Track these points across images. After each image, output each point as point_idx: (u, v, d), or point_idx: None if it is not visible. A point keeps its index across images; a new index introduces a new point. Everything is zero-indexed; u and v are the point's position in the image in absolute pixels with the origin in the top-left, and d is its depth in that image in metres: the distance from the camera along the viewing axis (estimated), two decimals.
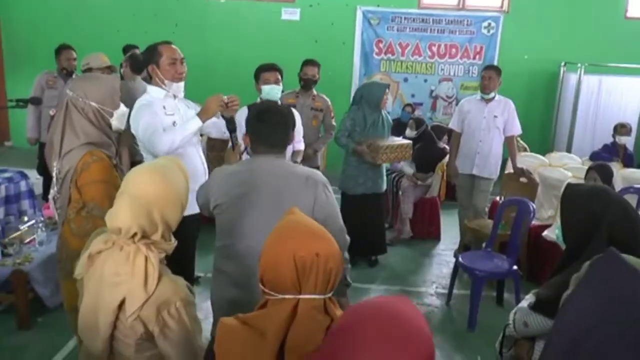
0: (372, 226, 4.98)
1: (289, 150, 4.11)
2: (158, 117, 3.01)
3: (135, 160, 4.92)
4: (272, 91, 4.02)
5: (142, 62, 5.32)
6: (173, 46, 3.15)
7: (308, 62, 5.22)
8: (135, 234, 1.63)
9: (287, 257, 1.34)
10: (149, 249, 1.62)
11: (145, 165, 1.80)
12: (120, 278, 1.60)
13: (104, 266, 1.64)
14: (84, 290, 1.71)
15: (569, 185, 2.15)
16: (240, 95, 3.64)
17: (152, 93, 3.13)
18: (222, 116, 3.08)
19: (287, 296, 1.35)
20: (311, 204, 2.16)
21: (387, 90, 4.83)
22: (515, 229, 4.22)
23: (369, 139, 4.72)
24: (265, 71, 4.09)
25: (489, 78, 4.92)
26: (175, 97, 3.17)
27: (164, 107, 3.07)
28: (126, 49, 6.79)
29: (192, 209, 3.09)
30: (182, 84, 3.16)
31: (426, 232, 5.82)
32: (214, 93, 3.14)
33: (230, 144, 3.05)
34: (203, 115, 3.04)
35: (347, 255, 2.35)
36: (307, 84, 5.10)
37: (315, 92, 5.28)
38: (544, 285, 2.07)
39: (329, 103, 5.32)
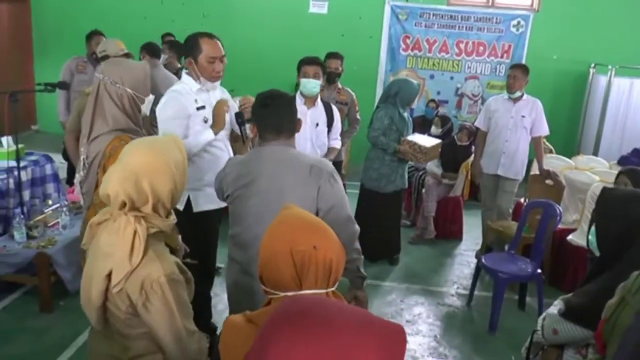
0: (391, 224, 4.95)
1: (323, 147, 4.12)
2: (184, 122, 2.93)
3: None
4: (309, 84, 4.03)
5: (158, 50, 5.38)
6: (216, 41, 3.01)
7: (331, 55, 5.20)
8: (124, 204, 1.63)
9: (284, 253, 1.31)
10: (137, 222, 1.62)
11: (142, 139, 1.88)
12: (111, 249, 1.62)
13: (100, 236, 1.67)
14: (86, 261, 1.74)
15: (605, 189, 2.08)
16: (265, 87, 3.62)
17: (186, 84, 3.04)
18: (238, 119, 3.08)
19: (288, 293, 1.31)
20: (315, 193, 2.14)
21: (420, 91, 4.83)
22: (540, 231, 4.13)
23: (404, 137, 4.68)
24: (306, 64, 4.07)
25: (514, 77, 4.84)
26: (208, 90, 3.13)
27: (196, 100, 3.01)
28: (163, 37, 6.82)
29: (215, 202, 3.15)
30: (217, 83, 3.09)
31: (448, 231, 5.75)
32: (240, 83, 3.12)
33: (241, 138, 3.07)
34: (215, 127, 3.04)
35: (358, 245, 2.30)
36: (330, 76, 5.06)
37: (340, 85, 5.24)
38: (575, 293, 2.01)
39: (354, 96, 5.29)
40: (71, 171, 5.19)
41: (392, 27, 8.29)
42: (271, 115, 2.23)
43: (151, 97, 2.64)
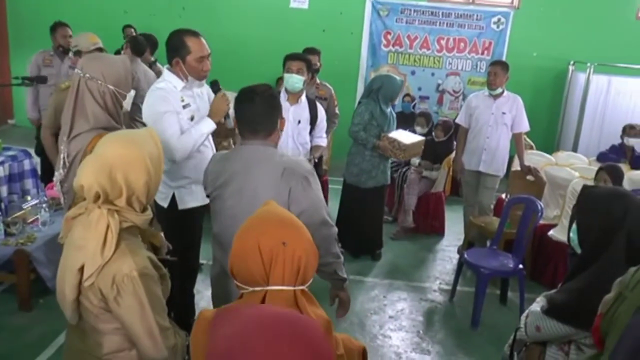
0: (373, 219, 4.96)
1: (305, 145, 4.12)
2: (175, 116, 2.89)
3: None
4: (291, 79, 4.01)
5: (145, 45, 5.33)
6: (202, 40, 2.97)
7: (308, 51, 5.18)
8: (98, 196, 1.62)
9: (252, 247, 1.30)
10: (110, 215, 1.61)
11: (118, 131, 1.85)
12: (83, 242, 1.61)
13: (74, 230, 1.67)
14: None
15: (586, 187, 2.10)
16: (245, 82, 3.61)
17: (169, 81, 2.98)
18: (215, 86, 3.11)
19: (256, 288, 1.31)
20: (286, 196, 2.08)
21: (403, 87, 4.82)
22: (522, 227, 4.18)
23: (385, 133, 4.68)
24: (290, 60, 4.05)
25: (495, 74, 4.88)
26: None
27: (182, 98, 2.96)
28: (124, 29, 6.70)
29: (200, 200, 3.14)
30: (204, 82, 3.07)
31: (430, 227, 5.79)
32: (218, 79, 3.12)
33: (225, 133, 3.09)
34: (214, 116, 3.00)
35: (335, 249, 2.24)
36: (311, 73, 5.04)
37: (318, 80, 5.24)
38: (558, 290, 2.03)
39: (333, 91, 5.30)
40: (45, 167, 5.09)
41: (373, 22, 8.29)
42: (249, 112, 2.17)
43: (132, 92, 2.60)
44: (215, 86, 3.10)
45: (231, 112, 3.21)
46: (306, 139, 4.16)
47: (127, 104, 2.61)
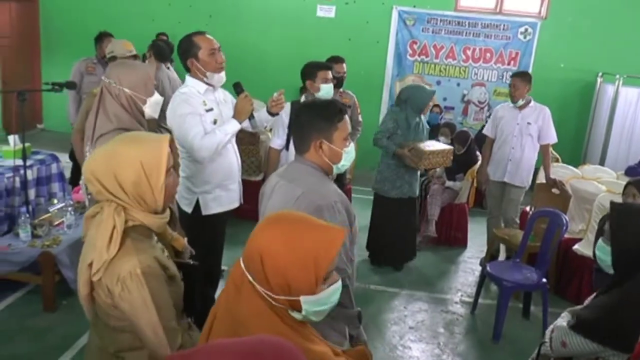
0: (404, 231, 4.94)
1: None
2: (198, 117, 2.97)
3: None
4: (330, 90, 4.03)
5: (167, 51, 5.42)
6: (208, 36, 3.10)
7: (336, 60, 5.16)
8: (103, 189, 1.67)
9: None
10: (116, 213, 1.65)
11: (133, 132, 1.92)
12: (94, 239, 1.66)
13: (90, 228, 1.72)
14: None
15: (616, 203, 2.05)
16: (270, 90, 3.67)
17: (192, 86, 3.08)
18: (238, 88, 3.15)
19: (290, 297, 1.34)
20: None
21: (433, 97, 4.81)
22: (546, 240, 4.11)
23: (410, 142, 4.66)
24: (324, 69, 4.03)
25: (514, 86, 4.88)
26: (214, 88, 3.15)
27: (204, 102, 3.04)
28: (157, 36, 6.82)
29: (224, 205, 3.17)
30: (223, 73, 3.13)
31: (453, 238, 5.74)
32: (245, 86, 3.17)
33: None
34: (238, 117, 3.07)
35: (353, 311, 2.03)
36: (338, 81, 5.03)
37: (341, 88, 5.25)
38: (586, 305, 1.99)
39: (355, 99, 5.32)
40: (75, 171, 5.20)
41: (399, 32, 8.28)
42: (294, 126, 2.20)
43: (157, 97, 2.64)
44: (238, 87, 3.17)
45: (256, 114, 3.27)
46: None
47: (153, 111, 2.65)
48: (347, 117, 2.12)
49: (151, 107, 2.60)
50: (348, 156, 2.11)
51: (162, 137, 1.76)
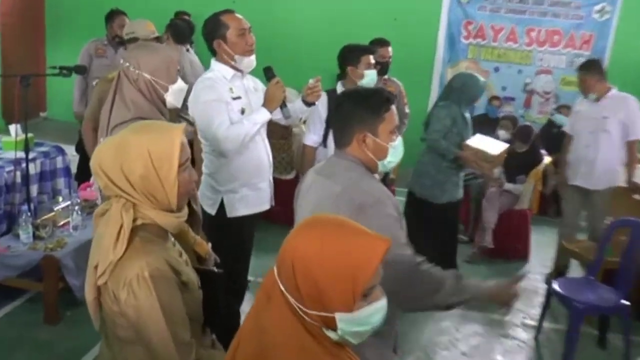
0: (446, 239, 4.84)
1: None
2: (224, 105, 3.00)
3: None
4: (375, 77, 4.04)
5: (187, 31, 5.46)
6: (237, 15, 3.13)
7: (381, 42, 5.12)
8: (110, 182, 1.70)
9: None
10: (124, 210, 1.68)
11: (146, 121, 2.01)
12: (101, 238, 1.70)
13: (99, 227, 1.77)
14: None
15: None
16: (304, 76, 3.65)
17: (218, 71, 3.11)
18: (268, 73, 3.17)
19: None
20: None
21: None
22: (627, 255, 3.98)
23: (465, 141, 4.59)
24: (368, 52, 4.03)
25: (582, 81, 4.84)
26: (242, 74, 3.17)
27: (231, 90, 3.07)
28: (177, 15, 6.86)
29: (253, 206, 3.18)
30: (253, 57, 3.15)
31: (512, 250, 5.64)
32: (276, 72, 3.18)
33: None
34: (269, 105, 3.09)
35: (425, 285, 2.08)
36: (383, 67, 5.00)
37: (385, 75, 5.22)
38: None
39: (402, 87, 5.28)
40: (83, 165, 5.26)
41: (451, 11, 8.18)
42: (335, 117, 2.23)
43: (181, 85, 2.66)
44: (269, 72, 3.18)
45: (290, 105, 3.26)
46: None
47: (176, 100, 2.67)
48: (394, 107, 2.14)
49: (174, 95, 2.63)
50: (395, 152, 2.13)
51: (175, 126, 1.78)
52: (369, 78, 3.97)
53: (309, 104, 3.35)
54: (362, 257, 1.30)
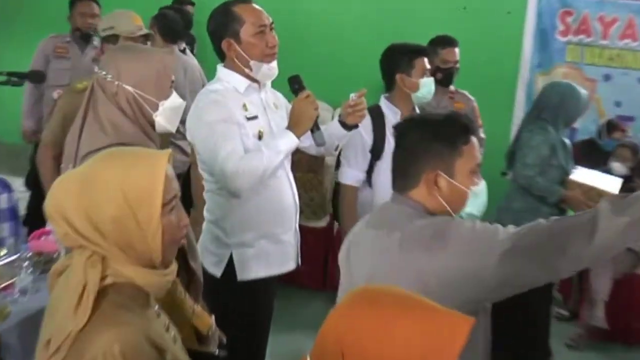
0: (534, 312, 4.77)
1: None
2: (236, 128, 3.00)
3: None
4: (430, 87, 4.04)
5: (180, 24, 5.49)
6: (255, 5, 3.15)
7: (446, 42, 5.12)
8: (72, 230, 1.70)
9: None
10: (90, 265, 1.68)
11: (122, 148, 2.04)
12: (58, 303, 1.71)
13: (55, 290, 1.79)
14: None
15: None
16: (344, 84, 3.64)
17: (227, 82, 3.12)
18: (295, 84, 3.16)
19: None
20: (412, 277, 2.00)
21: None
22: None
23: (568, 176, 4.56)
24: (423, 55, 4.04)
25: None
26: (259, 86, 3.19)
27: (245, 107, 3.07)
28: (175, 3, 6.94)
29: (272, 266, 3.20)
30: (275, 64, 3.17)
31: (635, 332, 5.56)
32: (309, 79, 3.19)
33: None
34: (296, 128, 3.07)
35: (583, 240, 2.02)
36: (446, 76, 5.02)
37: (452, 87, 5.22)
38: None
39: (474, 103, 5.35)
40: (36, 206, 5.27)
41: None
42: (396, 150, 2.28)
43: (176, 101, 2.65)
44: (296, 83, 3.17)
45: (323, 127, 3.25)
46: None
47: (168, 121, 2.66)
48: (474, 138, 2.19)
49: (165, 115, 2.64)
50: (477, 200, 2.20)
51: (158, 153, 1.80)
52: (426, 89, 3.99)
53: (350, 127, 3.34)
54: (437, 345, 1.33)
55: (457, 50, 5.21)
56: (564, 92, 4.65)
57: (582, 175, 4.68)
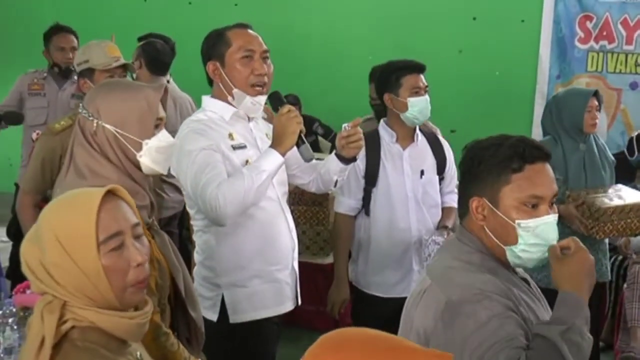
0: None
1: (437, 207, 4.18)
2: (218, 155, 3.00)
3: (162, 217, 4.98)
4: (426, 106, 4.03)
5: (167, 56, 5.49)
6: (251, 32, 3.18)
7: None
8: (37, 280, 1.75)
9: None
10: (47, 311, 1.70)
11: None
12: (22, 357, 1.74)
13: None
14: None
15: None
16: (339, 103, 3.64)
17: (212, 111, 3.14)
18: (275, 101, 3.18)
19: None
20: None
21: (592, 99, 4.64)
22: None
23: (581, 191, 4.52)
24: (411, 72, 4.04)
25: None
26: (249, 117, 3.20)
27: (231, 136, 3.09)
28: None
29: (268, 306, 3.21)
30: (260, 99, 3.17)
31: None
32: (302, 98, 3.17)
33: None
34: (280, 144, 3.04)
35: None
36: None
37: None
38: None
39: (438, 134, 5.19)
40: (19, 256, 5.28)
41: (559, 2, 8.25)
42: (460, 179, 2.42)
43: (164, 139, 2.63)
44: (276, 100, 3.19)
45: (322, 163, 3.26)
46: (437, 200, 4.20)
47: (156, 162, 2.62)
48: (540, 166, 2.18)
49: (150, 155, 2.57)
50: (531, 238, 2.16)
51: (91, 191, 1.82)
52: (416, 109, 3.97)
53: (348, 160, 3.33)
54: None
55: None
56: (558, 100, 4.79)
57: (621, 192, 4.68)
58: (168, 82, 5.54)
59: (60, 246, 1.70)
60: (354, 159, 3.35)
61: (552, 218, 2.16)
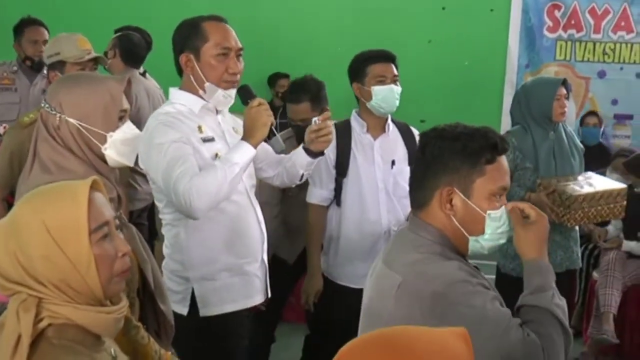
0: None
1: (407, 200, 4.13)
2: (189, 148, 2.98)
3: (135, 209, 4.96)
4: (389, 95, 3.97)
5: (142, 47, 5.46)
6: (226, 25, 3.15)
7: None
8: (6, 280, 1.71)
9: None
10: (22, 309, 1.67)
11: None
12: None
13: None
14: None
15: None
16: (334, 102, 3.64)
17: (181, 104, 3.11)
18: (245, 95, 3.15)
19: None
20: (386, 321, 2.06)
21: (560, 88, 4.66)
22: None
23: (552, 179, 4.55)
24: (377, 62, 4.02)
25: None
26: (217, 111, 3.19)
27: (200, 129, 3.06)
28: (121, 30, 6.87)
29: (237, 299, 3.19)
30: (233, 92, 3.15)
31: None
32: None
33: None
34: (252, 137, 3.03)
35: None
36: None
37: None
38: None
39: None
40: None
41: None
42: (415, 163, 2.37)
43: (129, 131, 2.62)
44: (246, 93, 3.16)
45: (290, 157, 3.27)
46: (407, 191, 4.14)
47: (121, 154, 2.61)
48: (504, 158, 2.18)
49: (115, 147, 2.55)
50: (498, 227, 2.17)
51: (78, 182, 1.80)
52: (380, 97, 3.94)
53: (315, 154, 3.33)
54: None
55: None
56: (527, 89, 4.82)
57: (591, 180, 4.68)
58: (144, 75, 5.54)
59: (49, 237, 1.68)
60: (321, 153, 3.35)
61: (504, 209, 2.17)
